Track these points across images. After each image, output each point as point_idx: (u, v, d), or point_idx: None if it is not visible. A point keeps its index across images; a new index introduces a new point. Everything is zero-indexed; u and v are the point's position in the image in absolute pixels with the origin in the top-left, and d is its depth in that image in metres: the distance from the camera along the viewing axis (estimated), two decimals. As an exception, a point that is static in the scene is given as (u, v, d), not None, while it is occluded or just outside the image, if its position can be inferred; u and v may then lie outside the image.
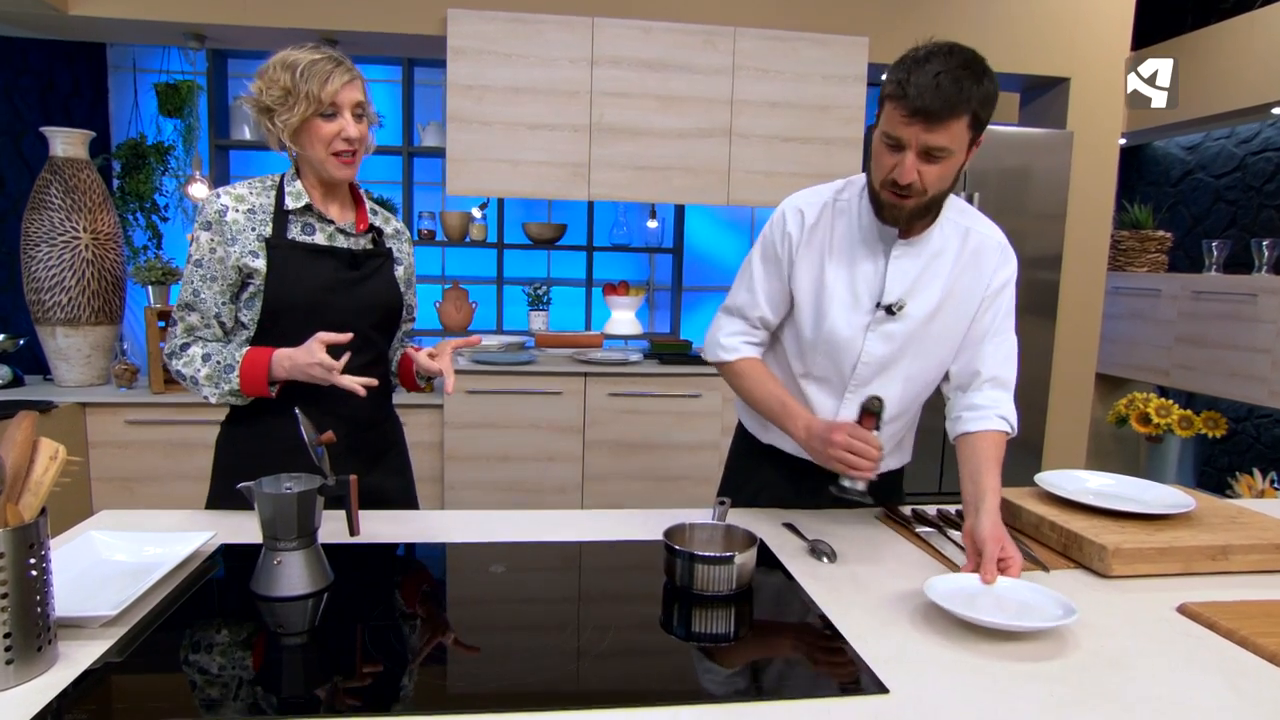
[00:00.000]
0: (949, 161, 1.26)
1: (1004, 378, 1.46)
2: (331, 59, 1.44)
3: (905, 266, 1.41)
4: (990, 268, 1.43)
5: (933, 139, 1.22)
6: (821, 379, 1.50)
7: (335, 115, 1.43)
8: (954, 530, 1.45)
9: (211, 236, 1.45)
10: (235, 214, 1.46)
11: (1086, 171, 3.72)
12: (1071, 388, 3.88)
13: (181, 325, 1.49)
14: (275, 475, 1.17)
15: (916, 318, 1.41)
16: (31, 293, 3.13)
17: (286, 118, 1.42)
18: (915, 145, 1.24)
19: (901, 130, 1.24)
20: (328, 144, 1.44)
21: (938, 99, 1.19)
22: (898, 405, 1.48)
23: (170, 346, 1.49)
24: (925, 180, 1.27)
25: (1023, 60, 3.67)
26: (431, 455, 3.32)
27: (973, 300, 1.43)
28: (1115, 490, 1.54)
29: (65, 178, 3.13)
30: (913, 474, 1.79)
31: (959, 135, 1.24)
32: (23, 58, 3.63)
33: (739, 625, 1.14)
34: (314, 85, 1.40)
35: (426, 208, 3.97)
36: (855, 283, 1.43)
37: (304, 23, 3.21)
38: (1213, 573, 1.29)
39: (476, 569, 1.31)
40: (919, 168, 1.25)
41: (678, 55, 3.30)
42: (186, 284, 1.47)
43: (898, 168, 1.26)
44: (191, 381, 1.47)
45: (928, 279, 1.41)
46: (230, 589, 1.19)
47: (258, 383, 1.44)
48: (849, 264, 1.43)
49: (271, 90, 1.42)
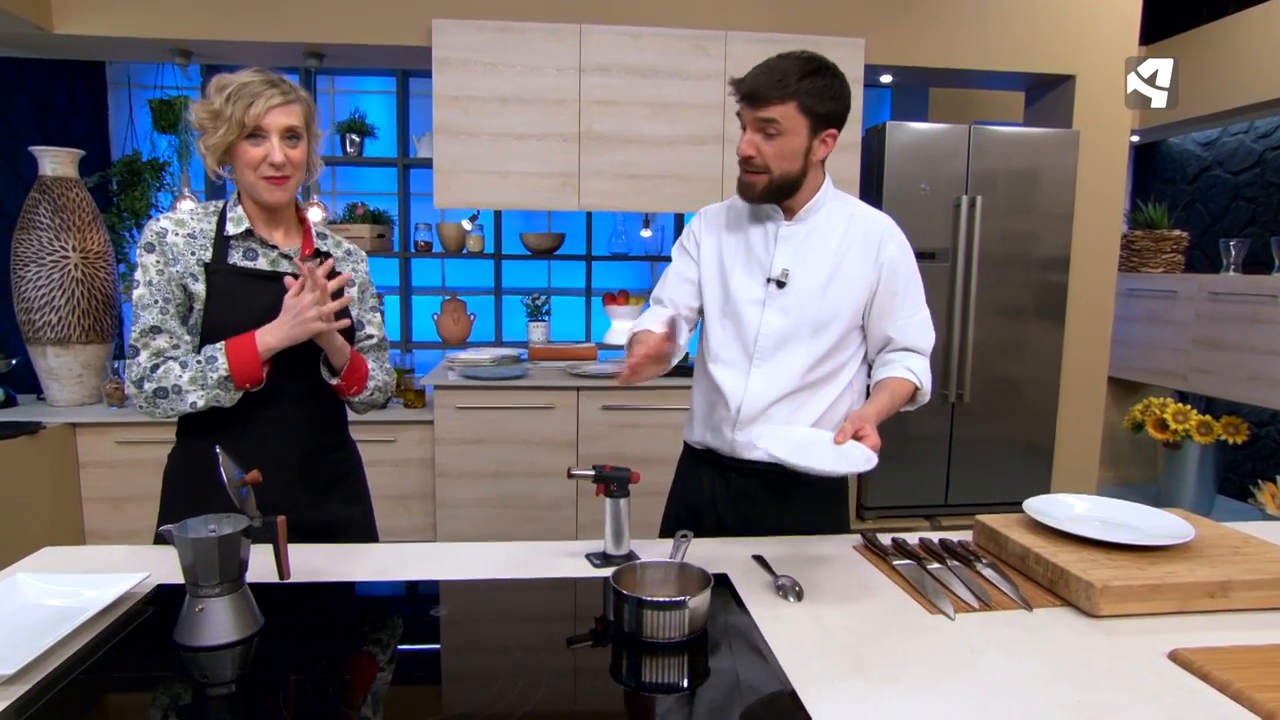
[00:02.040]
0: (783, 140, 1.44)
1: (918, 345, 1.59)
2: (267, 81, 1.41)
3: (791, 244, 1.56)
4: (875, 242, 1.56)
5: (761, 114, 1.43)
6: (729, 361, 1.59)
7: (262, 139, 1.40)
8: (934, 563, 1.36)
9: (156, 258, 1.42)
10: (175, 237, 1.43)
11: (1094, 171, 3.60)
12: (1082, 392, 3.75)
13: (147, 353, 1.42)
14: (203, 516, 1.11)
15: (809, 290, 1.53)
16: (22, 313, 3.13)
17: (211, 141, 1.40)
18: (750, 122, 1.45)
19: (742, 113, 1.46)
20: (254, 168, 1.41)
21: (758, 82, 1.42)
22: (800, 377, 1.54)
23: (135, 375, 1.42)
24: (764, 156, 1.45)
25: (1025, 58, 3.55)
26: (423, 472, 3.27)
27: (864, 274, 1.55)
28: (1109, 516, 1.44)
29: (54, 197, 3.12)
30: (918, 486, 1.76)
31: (789, 116, 1.42)
32: (20, 77, 3.63)
33: (692, 675, 1.06)
34: (238, 108, 1.38)
35: (423, 219, 3.94)
36: (750, 259, 1.58)
37: (289, 36, 3.18)
38: (1212, 611, 1.20)
39: (418, 611, 1.24)
40: (757, 144, 1.45)
41: (668, 61, 3.22)
42: (145, 309, 1.42)
43: (740, 143, 1.47)
44: (175, 392, 1.40)
45: (815, 255, 1.54)
46: (155, 637, 1.13)
47: (249, 363, 1.39)
48: (745, 242, 1.59)
49: (201, 112, 1.40)
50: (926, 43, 3.47)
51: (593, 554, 1.41)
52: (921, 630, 1.15)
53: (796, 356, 1.54)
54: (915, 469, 3.60)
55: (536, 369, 3.54)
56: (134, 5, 3.10)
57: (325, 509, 1.54)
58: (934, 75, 3.73)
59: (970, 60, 3.50)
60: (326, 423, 1.58)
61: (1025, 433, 3.69)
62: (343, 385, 1.52)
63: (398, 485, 3.26)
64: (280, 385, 1.47)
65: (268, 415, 1.47)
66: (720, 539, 1.51)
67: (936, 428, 3.60)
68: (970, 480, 3.61)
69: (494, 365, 3.35)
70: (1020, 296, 3.60)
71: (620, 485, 1.37)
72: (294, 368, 1.47)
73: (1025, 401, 3.68)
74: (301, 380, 1.50)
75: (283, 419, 1.49)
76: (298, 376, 1.49)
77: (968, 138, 3.43)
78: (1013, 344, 3.62)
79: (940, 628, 1.15)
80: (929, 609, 1.21)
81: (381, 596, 1.31)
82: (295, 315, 1.39)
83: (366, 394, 1.58)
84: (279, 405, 1.48)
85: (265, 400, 1.46)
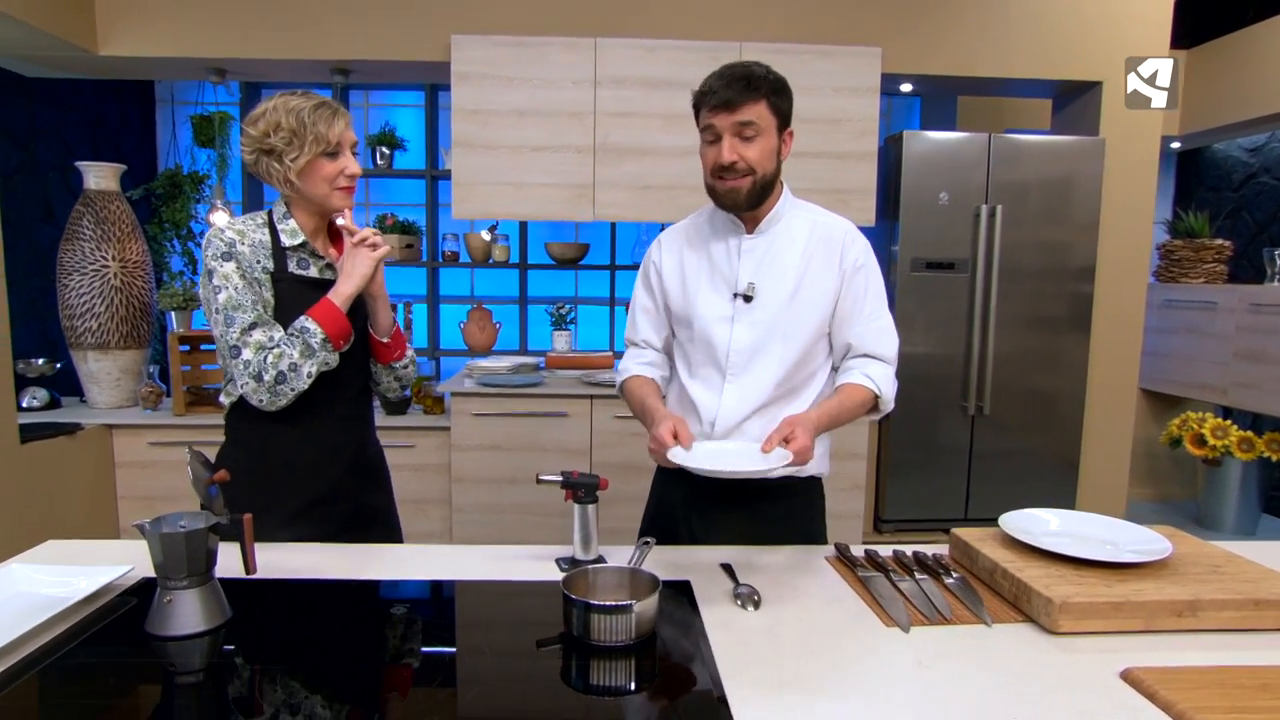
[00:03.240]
0: (762, 140, 1.46)
1: (878, 352, 1.58)
2: (329, 104, 1.54)
3: (754, 257, 1.56)
4: (838, 248, 1.56)
5: (739, 116, 1.43)
6: (702, 377, 1.60)
7: (338, 154, 1.54)
8: (902, 575, 1.35)
9: (234, 265, 1.50)
10: (242, 247, 1.52)
11: (1121, 179, 3.50)
12: (1110, 405, 3.64)
13: (250, 349, 1.48)
14: (176, 513, 1.17)
15: (776, 302, 1.53)
16: (66, 319, 3.29)
17: (295, 157, 1.51)
18: (728, 128, 1.44)
19: (714, 120, 1.45)
20: (331, 181, 1.54)
21: (733, 85, 1.43)
22: (772, 389, 1.54)
23: (252, 371, 1.47)
24: (747, 158, 1.46)
25: (1050, 65, 3.48)
26: (440, 478, 3.33)
27: (829, 281, 1.55)
28: (1087, 532, 1.41)
29: (97, 209, 3.28)
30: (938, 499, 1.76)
31: (763, 116, 1.45)
32: (74, 96, 3.84)
33: (637, 679, 1.08)
34: (321, 128, 1.50)
35: (451, 229, 4.03)
36: (714, 275, 1.58)
37: (318, 54, 3.30)
38: (1178, 630, 1.17)
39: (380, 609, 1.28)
40: (738, 148, 1.45)
41: (682, 73, 3.25)
42: (237, 310, 1.48)
43: (719, 153, 1.46)
44: (292, 371, 1.48)
45: (780, 266, 1.54)
46: (130, 626, 1.19)
47: (336, 319, 1.51)
48: (708, 259, 1.60)
49: (279, 133, 1.50)
50: (946, 51, 3.43)
51: (562, 558, 1.43)
52: (872, 642, 1.14)
53: (768, 369, 1.54)
54: (934, 482, 3.54)
55: (553, 377, 3.58)
56: (172, 27, 3.26)
57: (372, 496, 1.68)
58: (958, 84, 3.68)
59: (993, 68, 3.45)
60: (367, 419, 1.72)
61: (1050, 446, 3.60)
62: (390, 344, 1.63)
63: (416, 490, 3.34)
64: (340, 380, 1.58)
65: (330, 411, 1.59)
66: (693, 547, 1.52)
67: (956, 440, 3.53)
68: (992, 493, 3.53)
69: (510, 373, 3.40)
70: (1043, 307, 3.52)
71: (588, 491, 1.40)
72: (350, 363, 1.59)
73: (1049, 414, 3.59)
74: (356, 378, 1.63)
75: (341, 414, 1.61)
76: (353, 373, 1.62)
77: (988, 146, 3.38)
78: (1035, 355, 3.54)
79: (892, 640, 1.15)
80: (885, 621, 1.20)
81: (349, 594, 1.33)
82: (351, 260, 1.53)
83: (404, 362, 1.69)
84: (338, 401, 1.60)
85: (327, 397, 1.57)
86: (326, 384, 1.55)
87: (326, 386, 1.55)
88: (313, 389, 1.52)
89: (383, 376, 1.68)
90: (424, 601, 1.33)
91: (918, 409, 3.50)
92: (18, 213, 3.69)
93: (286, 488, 1.54)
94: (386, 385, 1.70)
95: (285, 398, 1.49)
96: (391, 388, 1.71)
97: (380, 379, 1.69)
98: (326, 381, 1.54)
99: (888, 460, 3.54)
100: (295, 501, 1.54)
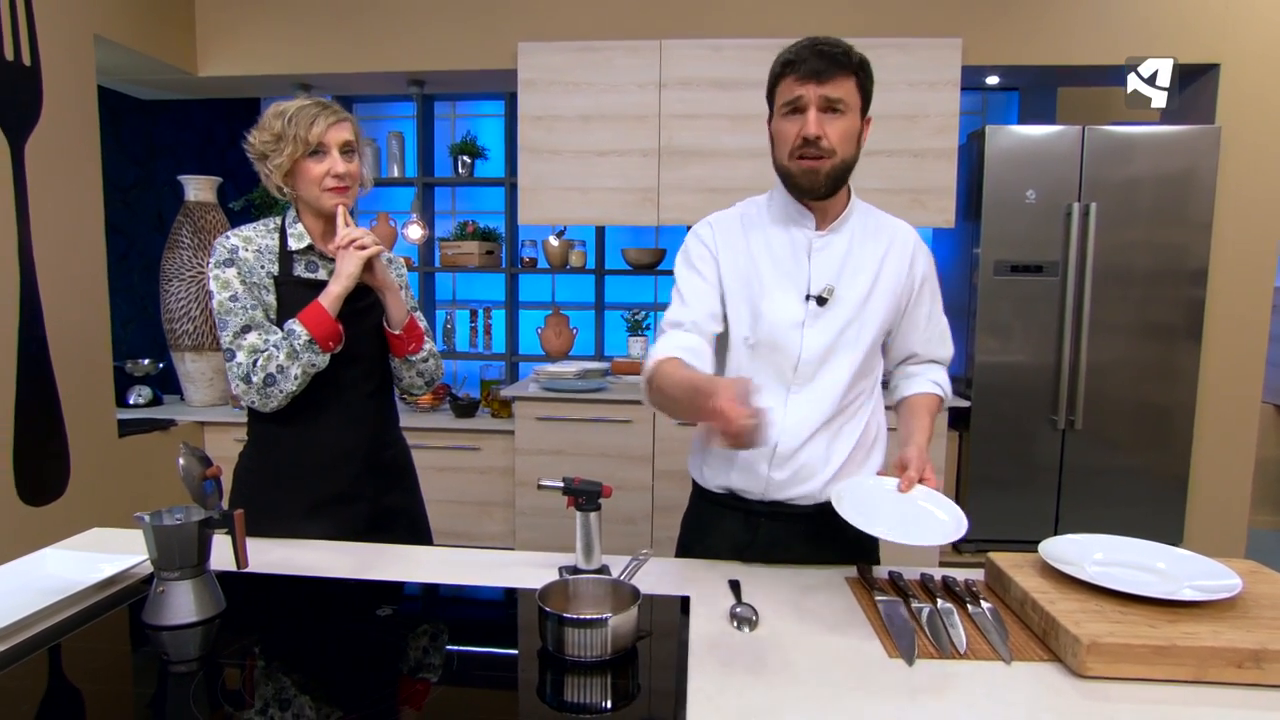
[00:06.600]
0: (847, 118, 1.34)
1: (940, 356, 1.58)
2: (319, 104, 1.55)
3: (827, 256, 1.44)
4: (909, 253, 1.48)
5: (829, 91, 1.32)
6: (764, 390, 1.35)
7: (323, 154, 1.53)
8: (924, 603, 1.23)
9: (235, 271, 1.54)
10: (245, 253, 1.56)
11: (1241, 171, 3.16)
12: (1228, 420, 3.28)
13: (243, 352, 1.51)
14: (172, 507, 1.21)
15: (851, 303, 1.43)
16: (167, 322, 3.54)
17: (277, 160, 1.53)
18: (815, 100, 1.32)
19: (799, 90, 1.33)
20: (318, 181, 1.54)
21: (824, 56, 1.32)
22: (838, 402, 1.44)
23: (240, 373, 1.51)
24: (831, 137, 1.34)
25: (1155, 48, 3.18)
26: (505, 480, 3.37)
27: (899, 287, 1.47)
28: (1143, 562, 1.24)
29: (195, 219, 3.51)
30: (1025, 518, 1.69)
31: (851, 93, 1.34)
32: (185, 115, 4.15)
33: (613, 697, 1.02)
34: (300, 129, 1.51)
35: (529, 236, 4.08)
36: (778, 272, 1.43)
37: (392, 66, 3.42)
38: (1237, 685, 1.01)
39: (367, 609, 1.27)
40: (824, 123, 1.33)
41: (749, 72, 3.16)
42: (231, 314, 1.52)
43: (804, 126, 1.33)
44: (279, 373, 1.49)
45: (854, 265, 1.44)
46: (133, 615, 1.23)
47: (323, 321, 1.50)
48: (770, 257, 1.44)
49: (263, 137, 1.54)
50: (1035, 39, 3.19)
51: (565, 567, 1.39)
52: (868, 673, 1.04)
53: (836, 380, 1.42)
54: (1021, 500, 3.29)
55: (619, 383, 3.56)
56: (261, 48, 3.47)
57: (390, 499, 1.67)
58: (1055, 74, 3.42)
59: (1088, 55, 3.18)
60: (388, 419, 1.71)
61: (1153, 464, 3.28)
62: (404, 337, 1.62)
63: (481, 492, 3.39)
64: (350, 381, 1.60)
65: (339, 411, 1.60)
66: (705, 560, 1.45)
67: (1045, 455, 3.27)
68: (1085, 514, 3.25)
69: (575, 378, 3.40)
70: (1144, 312, 3.21)
71: (590, 499, 1.35)
72: (361, 364, 1.60)
73: (1152, 429, 3.27)
74: (370, 379, 1.63)
75: (353, 415, 1.62)
76: (366, 373, 1.62)
77: (1081, 140, 3.12)
78: (1135, 364, 3.24)
79: (892, 672, 1.04)
80: (890, 651, 1.10)
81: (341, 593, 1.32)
82: (340, 261, 1.52)
83: (422, 355, 1.67)
84: (349, 402, 1.61)
85: (337, 397, 1.59)
86: (333, 385, 1.56)
87: (333, 387, 1.57)
88: (319, 390, 1.54)
89: (403, 372, 1.68)
90: (413, 603, 1.32)
91: (1002, 421, 3.26)
92: (134, 224, 4.01)
93: (297, 487, 1.57)
94: (409, 381, 1.70)
95: (275, 399, 1.51)
96: (414, 383, 1.71)
97: (401, 374, 1.69)
98: (333, 382, 1.56)
99: (968, 475, 3.32)
100: (306, 501, 1.57)
